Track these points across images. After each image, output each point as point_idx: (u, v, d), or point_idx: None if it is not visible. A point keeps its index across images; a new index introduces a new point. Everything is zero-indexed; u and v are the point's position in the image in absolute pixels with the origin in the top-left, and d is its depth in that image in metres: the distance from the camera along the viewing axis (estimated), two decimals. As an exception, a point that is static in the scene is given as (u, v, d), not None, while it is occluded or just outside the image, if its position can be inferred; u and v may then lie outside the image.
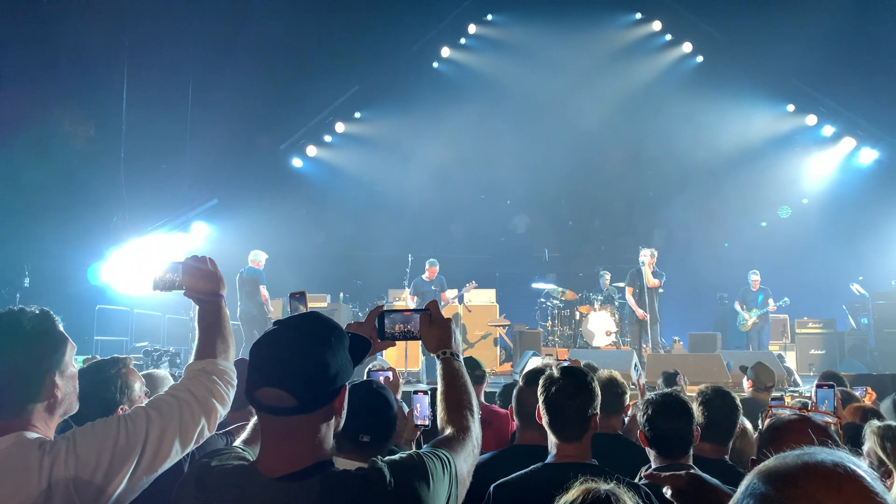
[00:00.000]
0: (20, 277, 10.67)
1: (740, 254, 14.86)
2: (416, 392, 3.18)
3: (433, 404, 2.03)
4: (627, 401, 3.71)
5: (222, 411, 2.01)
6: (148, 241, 12.54)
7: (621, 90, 15.17)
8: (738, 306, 12.27)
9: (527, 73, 15.27)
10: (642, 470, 2.62)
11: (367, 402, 2.32)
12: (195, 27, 12.03)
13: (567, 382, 2.48)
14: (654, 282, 10.55)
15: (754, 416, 4.05)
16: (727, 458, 3.03)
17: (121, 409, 2.41)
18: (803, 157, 15.27)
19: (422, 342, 2.07)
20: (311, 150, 15.96)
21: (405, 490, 1.53)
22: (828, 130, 14.90)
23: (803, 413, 2.49)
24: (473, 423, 1.88)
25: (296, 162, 15.99)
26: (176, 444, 1.85)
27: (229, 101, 12.61)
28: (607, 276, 12.78)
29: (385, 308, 2.09)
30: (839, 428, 2.38)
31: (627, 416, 3.91)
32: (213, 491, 1.55)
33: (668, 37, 15.72)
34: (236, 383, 2.08)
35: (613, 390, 3.50)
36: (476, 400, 1.98)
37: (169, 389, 1.96)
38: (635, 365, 9.03)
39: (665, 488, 1.45)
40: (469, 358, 4.76)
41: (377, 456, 1.63)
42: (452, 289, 11.62)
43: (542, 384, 2.53)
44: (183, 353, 10.37)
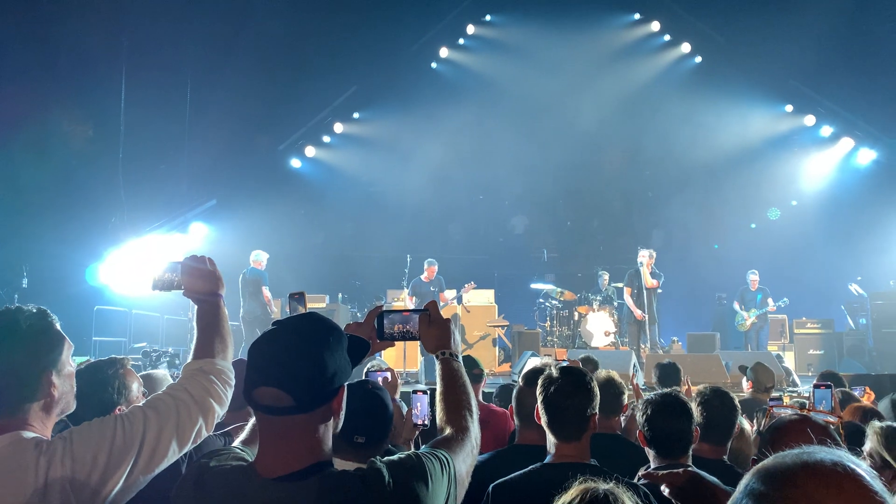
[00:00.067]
0: (18, 278, 10.66)
1: (739, 254, 14.86)
2: (416, 392, 3.17)
3: (433, 404, 2.02)
4: (626, 401, 3.70)
5: (220, 411, 2.00)
6: (146, 242, 12.53)
7: (620, 90, 15.16)
8: (737, 306, 12.27)
9: (525, 74, 15.25)
10: (641, 470, 2.62)
11: (363, 403, 2.30)
12: (194, 27, 12.03)
13: (566, 382, 2.47)
14: (653, 282, 10.55)
15: (753, 417, 4.06)
16: (725, 459, 3.03)
17: (118, 410, 2.40)
18: (802, 158, 15.27)
19: (421, 342, 2.07)
20: (310, 151, 15.94)
21: (404, 490, 1.53)
22: (826, 131, 14.90)
23: (804, 413, 2.48)
24: (472, 424, 1.88)
25: (294, 162, 15.97)
26: (173, 444, 1.84)
27: (228, 102, 12.61)
28: (606, 277, 12.76)
29: (384, 308, 2.09)
30: (840, 427, 2.37)
31: (626, 416, 3.90)
32: (212, 491, 1.55)
33: (667, 37, 15.72)
34: (234, 383, 2.07)
35: (611, 391, 3.49)
36: (475, 400, 1.97)
37: (166, 389, 1.95)
38: (634, 365, 9.03)
39: (663, 486, 1.45)
40: (467, 357, 4.75)
41: (374, 457, 1.63)
42: (451, 289, 11.61)
43: (541, 384, 2.53)
44: (182, 354, 10.34)
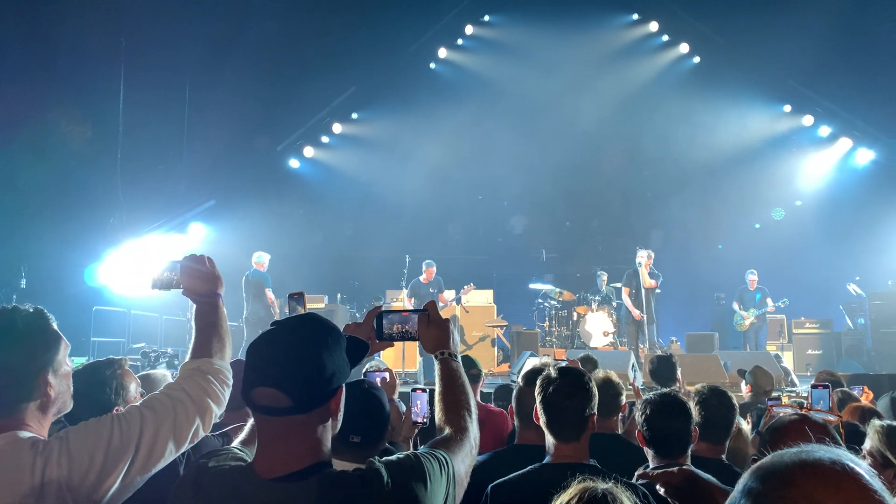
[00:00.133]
0: (17, 278, 10.65)
1: (738, 254, 14.86)
2: (415, 389, 3.17)
3: (432, 402, 2.02)
4: (624, 401, 3.70)
5: (217, 411, 1.99)
6: (145, 243, 12.52)
7: (619, 91, 15.16)
8: (736, 306, 12.27)
9: (524, 74, 15.25)
10: (639, 469, 2.62)
11: (359, 403, 2.29)
12: (193, 28, 12.02)
13: (564, 383, 2.47)
14: (651, 282, 10.55)
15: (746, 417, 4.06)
16: (724, 458, 3.03)
17: (116, 411, 2.40)
18: (800, 158, 15.28)
19: (419, 343, 2.07)
20: (309, 151, 15.92)
21: (403, 491, 1.53)
22: (824, 131, 14.91)
23: (804, 412, 2.48)
24: (471, 424, 1.88)
25: (293, 163, 15.96)
26: (170, 444, 1.83)
27: (226, 102, 12.60)
28: (604, 277, 12.76)
29: (383, 309, 2.09)
30: (840, 427, 2.37)
31: (624, 417, 3.90)
32: (210, 491, 1.55)
33: (665, 37, 15.73)
34: (232, 383, 2.07)
35: (610, 391, 3.48)
36: (474, 400, 1.97)
37: (163, 388, 1.95)
38: (633, 365, 9.03)
39: (658, 486, 1.44)
40: (465, 357, 4.74)
41: (370, 456, 1.63)
42: (450, 290, 11.61)
43: (540, 384, 2.53)
44: (181, 355, 10.34)
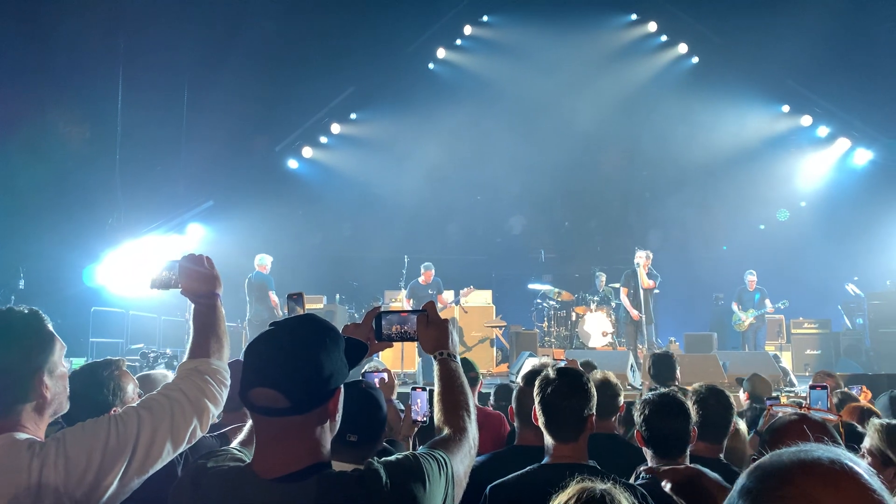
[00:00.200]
0: (15, 279, 10.64)
1: (736, 254, 14.87)
2: (415, 388, 3.17)
3: (432, 401, 2.02)
4: (622, 402, 3.70)
5: (215, 411, 1.99)
6: (143, 243, 12.51)
7: (617, 91, 15.17)
8: (735, 306, 12.26)
9: (523, 74, 15.25)
10: (640, 468, 2.62)
11: (356, 403, 2.30)
12: (191, 29, 12.02)
13: (562, 383, 2.47)
14: (649, 283, 10.56)
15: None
16: (722, 457, 3.03)
17: (113, 412, 2.40)
18: (799, 158, 15.28)
19: (419, 343, 2.06)
20: (307, 152, 15.90)
21: (401, 491, 1.53)
22: (823, 131, 14.91)
23: (804, 411, 2.48)
24: (470, 424, 1.88)
25: (291, 163, 15.95)
26: (168, 445, 1.83)
27: (225, 103, 12.60)
28: (603, 277, 12.75)
29: (382, 309, 2.09)
30: (839, 426, 2.37)
31: (624, 417, 3.90)
32: (209, 492, 1.54)
33: (664, 38, 15.72)
34: (229, 383, 2.06)
35: (607, 392, 3.48)
36: (473, 401, 1.97)
37: (161, 389, 1.94)
38: (631, 366, 9.04)
39: (664, 482, 1.44)
40: (463, 360, 4.74)
41: (367, 456, 1.63)
42: (448, 290, 11.61)
43: (538, 385, 2.53)
44: (180, 355, 10.33)
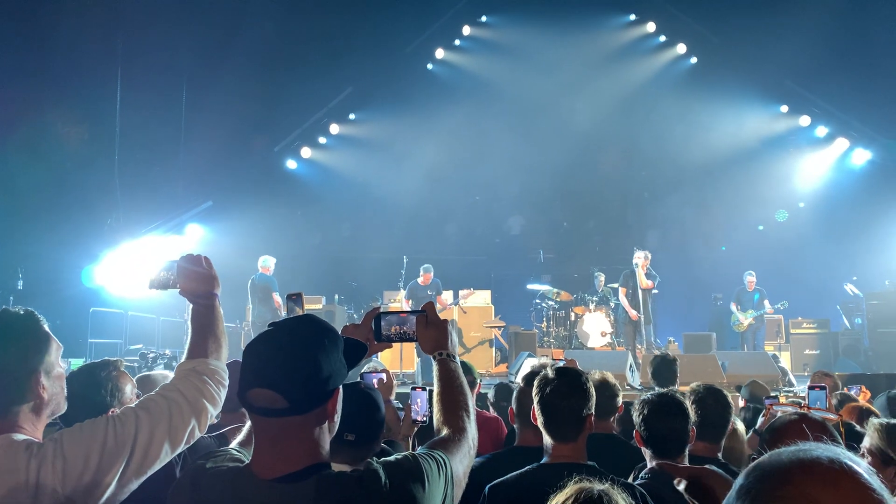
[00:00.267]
0: (13, 280, 10.63)
1: (735, 254, 14.87)
2: (415, 388, 3.17)
3: (432, 402, 2.02)
4: (620, 402, 3.71)
5: (213, 411, 1.98)
6: (142, 244, 12.50)
7: (616, 91, 15.17)
8: (734, 307, 12.25)
9: (521, 75, 15.25)
10: (653, 465, 2.61)
11: (354, 403, 2.30)
12: (189, 29, 12.01)
13: (561, 383, 2.48)
14: (648, 283, 10.56)
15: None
16: (720, 457, 3.04)
17: (111, 412, 2.40)
18: (797, 158, 15.29)
19: (418, 343, 2.06)
20: (306, 152, 15.90)
21: (401, 491, 1.53)
22: (821, 131, 14.91)
23: (804, 411, 2.48)
24: (469, 424, 1.88)
25: (290, 164, 15.94)
26: (165, 445, 1.82)
27: (223, 103, 12.58)
28: (602, 277, 12.75)
29: (381, 310, 2.09)
30: (839, 426, 2.36)
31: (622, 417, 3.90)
32: (208, 492, 1.54)
33: (662, 38, 15.72)
34: (228, 383, 2.06)
35: (605, 392, 3.49)
36: (472, 401, 1.97)
37: (159, 389, 1.94)
38: (630, 366, 9.05)
39: (677, 480, 1.41)
40: (461, 362, 4.76)
41: (364, 456, 1.62)
42: (447, 290, 11.62)
43: (537, 385, 2.53)
44: (179, 356, 10.31)
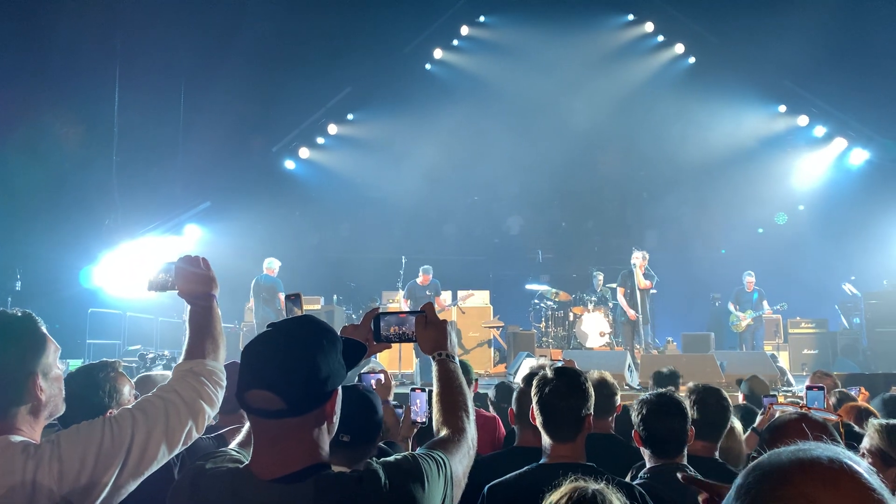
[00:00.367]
0: (12, 281, 10.62)
1: (733, 254, 14.88)
2: (414, 389, 3.17)
3: (431, 402, 2.03)
4: (618, 401, 3.72)
5: (210, 412, 1.98)
6: (140, 244, 12.49)
7: (614, 91, 15.17)
8: (732, 307, 12.26)
9: (520, 75, 15.26)
10: (639, 469, 2.62)
11: (350, 404, 2.30)
12: (187, 30, 12.00)
13: (560, 383, 2.48)
14: (646, 283, 10.56)
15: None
16: (717, 456, 3.04)
17: (109, 413, 2.40)
18: (795, 158, 15.30)
19: (417, 344, 2.07)
20: (304, 153, 15.90)
21: (400, 492, 1.53)
22: (819, 131, 14.93)
23: (803, 411, 2.48)
24: (469, 425, 1.88)
25: (288, 164, 15.94)
26: (162, 447, 1.82)
27: (222, 103, 12.59)
28: (601, 277, 12.75)
29: (380, 310, 2.09)
30: (839, 426, 2.36)
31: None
32: (207, 493, 1.54)
33: (661, 38, 15.74)
34: (225, 384, 2.05)
35: (604, 391, 3.50)
36: (472, 401, 1.97)
37: (156, 391, 1.93)
38: (629, 366, 9.06)
39: (702, 496, 1.37)
40: (459, 362, 4.76)
41: (360, 457, 1.62)
42: (447, 290, 11.61)
43: (536, 385, 2.53)
44: (178, 357, 10.30)
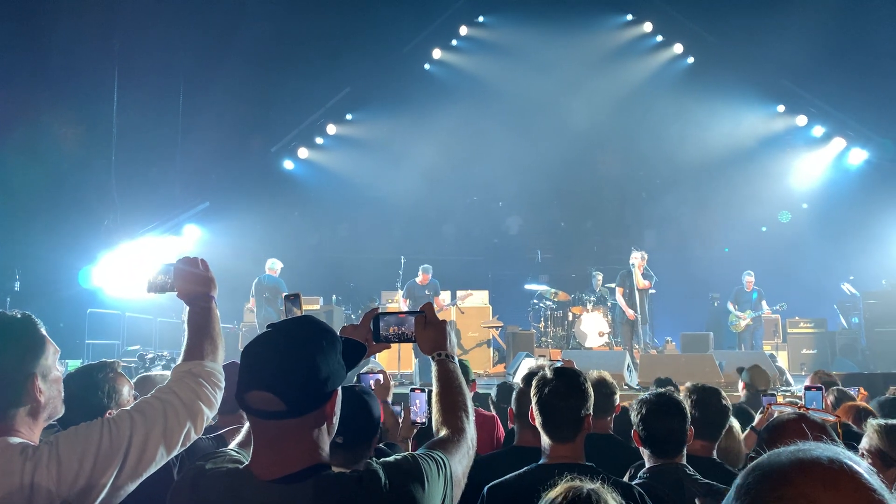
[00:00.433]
0: (11, 281, 10.62)
1: (732, 254, 14.89)
2: (414, 389, 3.16)
3: (431, 403, 2.03)
4: (617, 401, 3.72)
5: (209, 414, 1.98)
6: (139, 245, 12.48)
7: (613, 91, 15.18)
8: (731, 307, 12.26)
9: (518, 75, 15.26)
10: (638, 468, 2.62)
11: (344, 406, 2.29)
12: (186, 30, 12.00)
13: (560, 383, 2.47)
14: (644, 283, 10.56)
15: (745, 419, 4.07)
16: (715, 456, 3.04)
17: (108, 414, 2.39)
18: (794, 158, 15.31)
19: (417, 344, 2.07)
20: (303, 153, 15.90)
21: (400, 492, 1.53)
22: (818, 131, 14.95)
23: (802, 411, 2.48)
24: (468, 425, 1.88)
25: (287, 164, 15.94)
26: (161, 448, 1.82)
27: (220, 104, 12.58)
28: (600, 277, 12.75)
29: (379, 311, 2.09)
30: (838, 426, 2.36)
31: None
32: (207, 493, 1.54)
33: (659, 38, 15.75)
34: (224, 385, 2.05)
35: (603, 390, 3.52)
36: (471, 401, 1.97)
37: (154, 392, 1.93)
38: (628, 366, 9.06)
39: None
40: (458, 362, 4.76)
41: (355, 459, 1.62)
42: (446, 290, 11.61)
43: (535, 385, 2.53)
44: (177, 357, 10.30)
